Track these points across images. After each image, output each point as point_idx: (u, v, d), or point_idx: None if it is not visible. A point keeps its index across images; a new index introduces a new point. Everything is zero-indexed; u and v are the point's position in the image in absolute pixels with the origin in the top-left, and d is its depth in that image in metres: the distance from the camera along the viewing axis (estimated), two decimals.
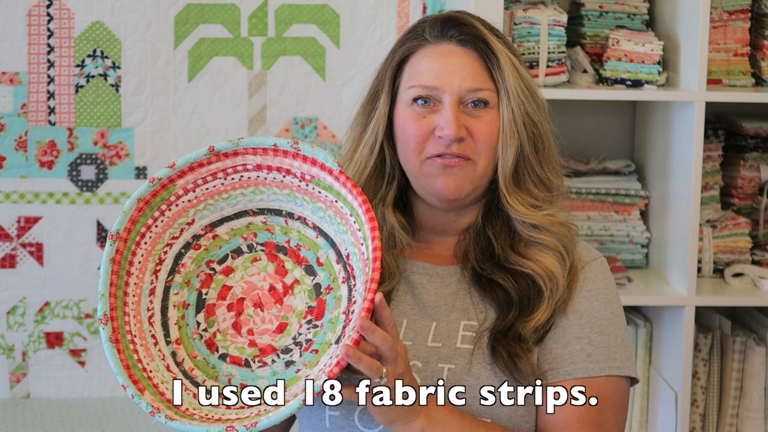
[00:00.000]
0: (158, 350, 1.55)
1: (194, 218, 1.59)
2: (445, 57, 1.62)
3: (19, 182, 2.73)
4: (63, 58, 2.72)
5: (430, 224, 1.69)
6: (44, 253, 2.75)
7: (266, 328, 1.57)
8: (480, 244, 1.66)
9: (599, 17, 2.69)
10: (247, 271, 1.60)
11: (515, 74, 1.62)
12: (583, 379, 1.59)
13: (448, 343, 1.61)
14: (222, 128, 2.75)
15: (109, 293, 1.52)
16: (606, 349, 1.61)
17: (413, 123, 1.62)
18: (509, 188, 1.63)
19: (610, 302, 1.64)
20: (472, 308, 1.63)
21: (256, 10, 2.74)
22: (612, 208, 2.74)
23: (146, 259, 1.57)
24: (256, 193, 1.58)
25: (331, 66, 2.77)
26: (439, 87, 1.61)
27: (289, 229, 1.59)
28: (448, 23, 1.64)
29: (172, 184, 1.55)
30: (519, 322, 1.59)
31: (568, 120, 2.80)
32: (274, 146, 1.52)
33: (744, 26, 2.67)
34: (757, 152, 2.76)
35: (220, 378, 1.55)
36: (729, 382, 2.68)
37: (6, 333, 2.75)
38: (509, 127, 1.62)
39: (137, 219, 1.54)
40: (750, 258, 2.73)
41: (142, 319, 1.55)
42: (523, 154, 1.63)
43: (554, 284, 1.60)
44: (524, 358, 1.57)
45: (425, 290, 1.65)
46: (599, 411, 1.59)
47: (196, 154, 1.55)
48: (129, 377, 1.48)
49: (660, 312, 2.68)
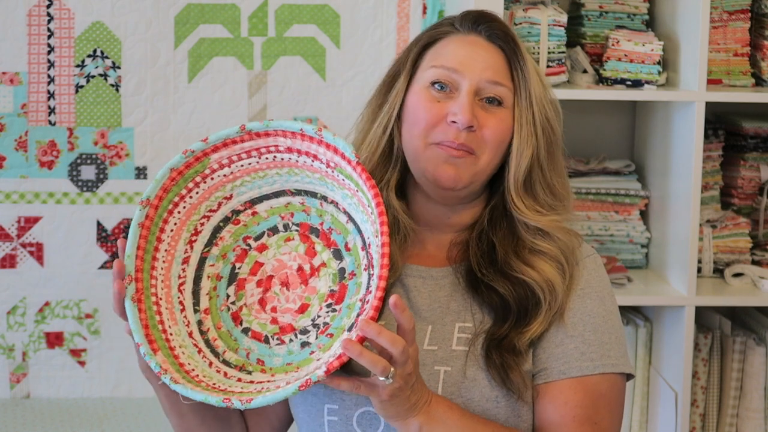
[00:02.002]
0: (183, 316, 1.58)
1: (232, 193, 1.62)
2: (471, 45, 1.64)
3: (19, 182, 2.73)
4: (63, 58, 2.72)
5: (425, 218, 1.69)
6: (44, 253, 2.75)
7: (289, 308, 1.59)
8: (482, 247, 1.65)
9: (599, 17, 2.69)
10: (279, 249, 1.62)
11: (538, 79, 1.64)
12: (578, 378, 1.59)
13: (443, 346, 1.60)
14: (222, 128, 2.74)
15: (136, 255, 1.54)
16: (600, 346, 1.61)
17: (426, 105, 1.62)
18: (519, 191, 1.63)
19: (603, 299, 1.64)
20: (467, 310, 1.63)
21: (256, 10, 2.74)
22: (612, 208, 2.74)
23: (180, 228, 1.60)
24: (291, 174, 1.60)
25: (331, 66, 2.77)
26: (459, 70, 1.61)
27: (323, 211, 1.60)
28: (480, 18, 1.66)
29: (206, 158, 1.58)
30: (514, 332, 1.58)
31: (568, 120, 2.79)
32: (301, 131, 1.54)
33: (744, 26, 2.67)
34: (757, 152, 2.76)
35: (239, 351, 1.57)
36: (729, 382, 2.68)
37: (6, 333, 2.75)
38: (528, 129, 1.62)
39: (170, 188, 1.57)
40: (750, 258, 2.73)
41: (171, 285, 1.58)
42: (538, 158, 1.63)
43: (553, 297, 1.60)
44: (516, 370, 1.57)
45: (419, 293, 1.65)
46: (595, 409, 1.59)
47: (227, 132, 1.58)
48: (145, 336, 1.51)
49: (660, 312, 2.68)
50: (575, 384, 1.59)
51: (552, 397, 1.59)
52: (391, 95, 1.67)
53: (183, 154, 1.57)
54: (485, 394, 1.57)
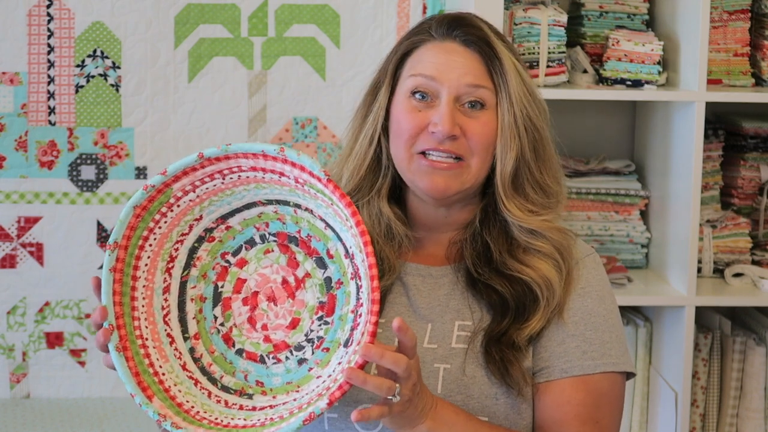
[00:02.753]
0: (174, 349, 1.55)
1: (201, 214, 1.58)
2: (448, 53, 1.64)
3: (19, 182, 2.73)
4: (63, 58, 2.72)
5: (422, 219, 1.69)
6: (44, 253, 2.75)
7: (280, 324, 1.57)
8: (476, 248, 1.65)
9: (599, 17, 2.69)
10: (260, 263, 1.60)
11: (518, 78, 1.63)
12: (579, 377, 1.59)
13: (443, 344, 1.61)
14: (222, 128, 2.75)
15: (114, 302, 1.51)
16: (601, 345, 1.61)
17: (408, 115, 1.62)
18: (507, 192, 1.63)
19: (603, 298, 1.64)
20: (466, 308, 1.63)
21: (256, 10, 2.74)
22: (612, 208, 2.74)
23: (154, 260, 1.56)
24: (259, 188, 1.56)
25: (331, 66, 2.77)
26: (438, 79, 1.62)
27: (299, 218, 1.58)
28: (454, 23, 1.66)
29: (168, 188, 1.54)
30: (513, 328, 1.59)
31: (568, 120, 2.80)
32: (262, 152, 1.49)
33: (744, 26, 2.67)
34: (757, 152, 2.76)
35: (237, 374, 1.56)
36: (729, 382, 2.68)
37: (6, 333, 2.75)
38: (510, 130, 1.62)
39: (136, 225, 1.53)
40: (750, 258, 2.73)
41: (155, 320, 1.55)
42: (523, 158, 1.63)
43: (551, 293, 1.60)
44: (516, 365, 1.57)
45: (419, 292, 1.65)
46: (597, 408, 1.59)
47: (185, 161, 1.52)
48: (137, 384, 1.48)
49: (660, 312, 2.68)
50: (577, 383, 1.59)
51: (554, 396, 1.59)
52: (374, 106, 1.68)
53: (144, 190, 1.52)
54: (484, 391, 1.58)
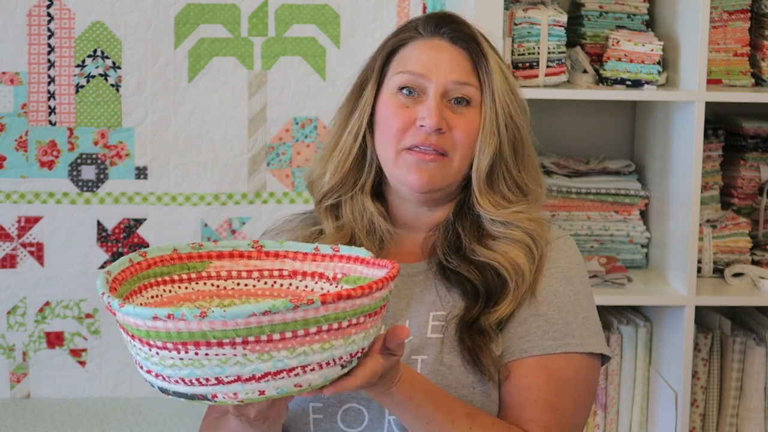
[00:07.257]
0: None
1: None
2: (435, 50, 1.66)
3: (19, 182, 2.73)
4: (63, 58, 2.72)
5: (402, 219, 1.71)
6: (44, 253, 2.75)
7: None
8: (449, 239, 1.67)
9: (599, 17, 2.69)
10: None
11: (502, 77, 1.66)
12: (539, 357, 1.58)
13: (419, 335, 1.62)
14: (222, 128, 2.75)
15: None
16: (564, 326, 1.60)
17: (396, 111, 1.65)
18: (482, 188, 1.65)
19: (570, 279, 1.64)
20: (440, 300, 1.64)
21: (256, 10, 2.74)
22: (612, 208, 2.75)
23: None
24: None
25: (331, 66, 2.77)
26: (425, 75, 1.64)
27: None
28: (441, 21, 1.69)
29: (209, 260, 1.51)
30: (483, 314, 1.59)
31: (568, 120, 2.80)
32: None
33: (744, 26, 2.67)
34: (757, 152, 2.76)
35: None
36: (729, 382, 2.68)
37: (6, 333, 2.75)
38: (490, 127, 1.65)
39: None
40: (750, 258, 2.73)
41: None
42: (501, 155, 1.65)
43: (520, 276, 1.61)
44: (486, 351, 1.57)
45: (396, 291, 1.66)
46: (558, 394, 1.58)
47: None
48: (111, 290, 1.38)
49: (660, 312, 2.68)
50: (538, 366, 1.58)
51: (516, 380, 1.58)
52: (360, 103, 1.70)
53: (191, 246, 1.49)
54: (461, 380, 1.58)
